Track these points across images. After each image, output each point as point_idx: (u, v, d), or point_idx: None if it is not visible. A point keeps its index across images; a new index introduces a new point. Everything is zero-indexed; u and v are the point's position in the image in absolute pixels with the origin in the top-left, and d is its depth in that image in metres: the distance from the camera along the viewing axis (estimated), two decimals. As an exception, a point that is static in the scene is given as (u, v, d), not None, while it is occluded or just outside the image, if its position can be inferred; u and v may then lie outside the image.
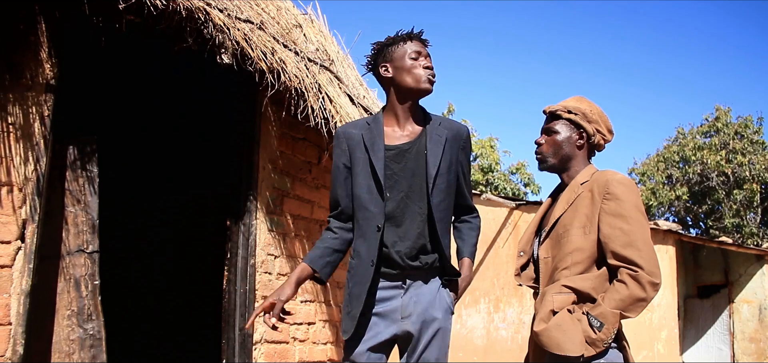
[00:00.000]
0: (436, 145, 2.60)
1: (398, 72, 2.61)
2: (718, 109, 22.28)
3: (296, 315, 4.87)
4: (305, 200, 5.07)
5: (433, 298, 2.58)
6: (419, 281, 2.58)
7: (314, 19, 5.49)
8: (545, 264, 2.52)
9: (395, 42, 2.63)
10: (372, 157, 2.58)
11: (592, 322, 2.31)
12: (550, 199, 2.75)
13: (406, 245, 2.55)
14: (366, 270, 2.53)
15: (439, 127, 2.65)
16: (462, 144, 2.70)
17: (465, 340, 9.19)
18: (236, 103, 4.79)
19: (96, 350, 3.99)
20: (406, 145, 2.61)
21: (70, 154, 4.02)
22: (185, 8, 3.68)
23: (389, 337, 2.56)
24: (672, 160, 22.34)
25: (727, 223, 20.35)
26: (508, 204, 9.52)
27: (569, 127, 2.63)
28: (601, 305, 2.32)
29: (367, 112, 4.84)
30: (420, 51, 2.61)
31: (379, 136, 2.62)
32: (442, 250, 2.57)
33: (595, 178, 2.52)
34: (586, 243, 2.42)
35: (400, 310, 2.56)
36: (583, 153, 2.65)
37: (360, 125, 2.70)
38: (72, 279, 3.97)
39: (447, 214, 2.64)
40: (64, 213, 3.98)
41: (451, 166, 2.64)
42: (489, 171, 19.11)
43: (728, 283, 11.28)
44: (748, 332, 10.94)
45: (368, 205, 2.58)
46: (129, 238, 6.64)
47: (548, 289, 2.43)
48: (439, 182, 2.59)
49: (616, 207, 2.39)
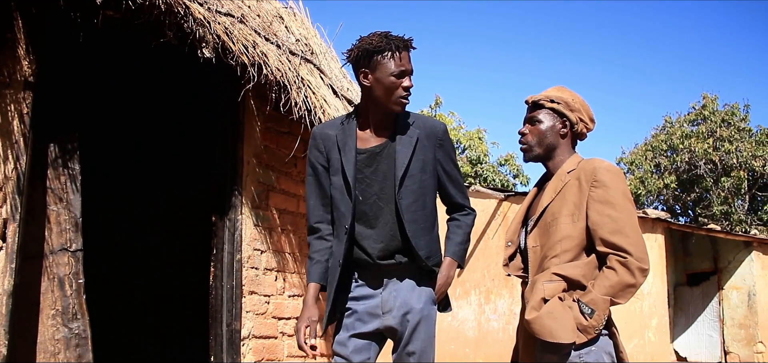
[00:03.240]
0: (405, 147, 2.58)
1: (377, 84, 2.54)
2: (705, 97, 22.35)
3: (284, 309, 4.86)
4: (291, 194, 5.05)
5: (413, 290, 2.60)
6: (395, 278, 2.61)
7: (296, 11, 5.46)
8: (534, 253, 2.53)
9: (382, 51, 2.52)
10: (343, 158, 2.59)
11: (583, 309, 2.32)
12: (536, 189, 2.76)
13: (379, 247, 2.57)
14: (334, 270, 2.59)
15: (412, 128, 2.62)
16: (438, 142, 2.65)
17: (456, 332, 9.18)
18: (219, 98, 4.76)
19: (82, 349, 3.96)
20: (377, 148, 2.60)
21: (52, 152, 3.99)
22: (164, 2, 3.65)
23: (373, 330, 2.58)
24: (660, 149, 22.41)
25: (716, 211, 20.44)
26: (497, 195, 9.51)
27: (552, 116, 2.64)
28: (592, 292, 2.33)
29: (351, 104, 4.82)
30: (405, 69, 2.53)
31: (351, 138, 2.61)
32: (415, 251, 2.55)
33: (581, 167, 2.54)
34: (574, 231, 2.44)
35: (381, 306, 2.59)
36: (567, 141, 2.66)
37: (335, 125, 2.69)
38: (56, 278, 3.93)
39: (422, 215, 2.60)
40: (46, 212, 3.95)
41: (425, 165, 2.61)
42: (477, 163, 19.08)
43: (717, 270, 11.32)
44: (738, 318, 11.00)
45: (340, 205, 2.60)
46: (113, 236, 6.59)
47: (538, 278, 2.44)
48: (409, 183, 2.57)
49: (604, 194, 2.42)
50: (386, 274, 2.60)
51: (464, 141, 19.30)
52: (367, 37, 2.56)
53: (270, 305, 4.73)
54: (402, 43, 2.53)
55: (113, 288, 6.43)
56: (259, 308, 4.63)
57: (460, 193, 2.75)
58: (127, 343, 6.63)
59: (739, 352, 10.93)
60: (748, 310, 10.90)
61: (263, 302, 4.67)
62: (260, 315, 4.64)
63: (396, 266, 2.59)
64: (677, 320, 11.57)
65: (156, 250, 6.89)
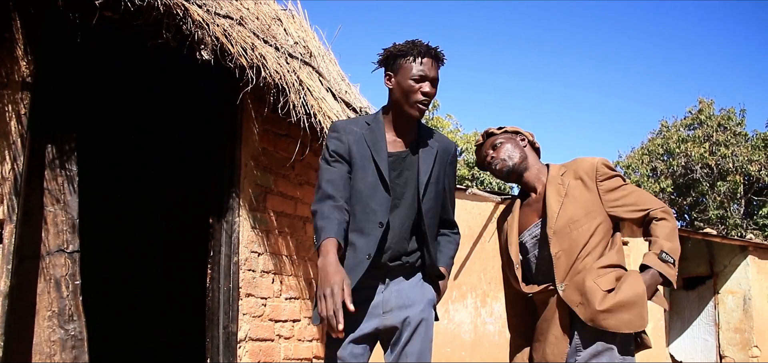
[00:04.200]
0: (427, 155, 2.66)
1: (398, 87, 2.60)
2: (702, 102, 22.44)
3: (281, 312, 4.85)
4: (288, 197, 5.04)
5: (415, 291, 2.63)
6: (400, 277, 2.63)
7: (295, 14, 5.46)
8: (559, 259, 2.65)
9: (406, 55, 2.59)
10: (376, 156, 2.60)
11: (666, 258, 2.60)
12: (520, 201, 2.90)
13: (392, 248, 2.59)
14: (361, 263, 2.51)
15: (431, 140, 2.71)
16: (450, 159, 2.76)
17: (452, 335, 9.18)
18: (217, 100, 4.75)
19: (78, 351, 3.95)
20: (403, 153, 2.66)
21: (49, 152, 3.98)
22: (163, 4, 3.64)
23: (371, 331, 2.58)
24: (656, 153, 22.48)
25: (712, 215, 20.50)
26: (494, 198, 9.50)
27: (508, 136, 2.88)
28: (659, 242, 2.63)
29: (349, 106, 4.82)
30: (425, 74, 2.57)
31: (382, 139, 2.64)
32: (430, 252, 2.64)
33: (576, 167, 2.75)
34: (596, 225, 2.64)
35: (382, 304, 2.59)
36: (532, 152, 2.88)
37: (360, 123, 2.71)
38: (52, 279, 3.92)
39: (434, 223, 2.69)
40: (43, 212, 3.93)
41: (439, 178, 2.69)
42: (474, 166, 19.11)
43: (713, 274, 11.36)
44: (733, 323, 11.03)
45: (370, 201, 2.56)
46: (110, 237, 6.57)
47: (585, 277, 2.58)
48: (429, 191, 2.64)
49: (612, 183, 2.71)
50: (390, 274, 2.61)
51: (461, 144, 19.33)
52: (397, 43, 2.65)
53: (267, 308, 4.72)
54: (426, 49, 2.59)
55: (110, 289, 6.41)
56: (255, 311, 4.62)
57: (453, 211, 2.87)
58: (124, 345, 6.61)
59: (734, 356, 10.95)
60: (743, 315, 10.93)
61: (260, 305, 4.66)
62: (257, 317, 4.63)
63: (401, 267, 2.62)
64: (673, 324, 11.59)
65: (153, 251, 6.87)
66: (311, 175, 5.21)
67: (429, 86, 2.57)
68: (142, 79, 5.91)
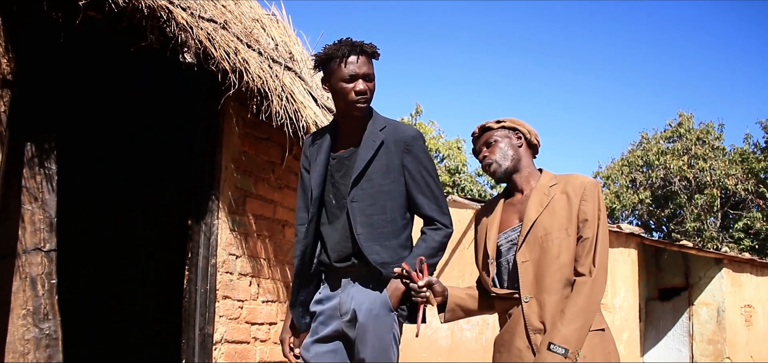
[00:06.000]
0: (366, 150, 2.60)
1: (333, 92, 2.63)
2: (681, 115, 22.70)
3: (258, 315, 4.86)
4: (268, 200, 5.06)
5: (363, 295, 2.59)
6: (357, 282, 2.63)
7: (279, 18, 5.48)
8: (525, 268, 2.54)
9: (333, 58, 2.57)
10: (314, 163, 2.69)
11: (554, 349, 2.39)
12: (503, 201, 2.77)
13: (336, 249, 2.63)
14: (316, 268, 2.74)
15: (378, 132, 2.62)
16: (405, 147, 2.61)
17: (429, 340, 9.23)
18: (199, 103, 4.75)
19: (52, 350, 3.93)
20: (346, 154, 2.67)
21: (28, 150, 3.96)
22: (147, 6, 3.65)
23: (332, 333, 2.62)
24: (636, 165, 22.69)
25: (689, 227, 20.73)
26: (474, 206, 9.56)
27: (505, 132, 2.73)
28: (562, 319, 2.42)
29: (331, 111, 4.85)
30: (356, 72, 2.55)
31: (326, 143, 2.70)
32: (364, 256, 2.55)
33: (567, 181, 2.61)
34: (568, 242, 2.51)
35: (339, 307, 2.63)
36: (527, 153, 2.74)
37: (321, 131, 2.79)
38: (28, 278, 3.90)
39: (380, 219, 2.58)
40: (20, 211, 3.91)
41: (389, 171, 2.59)
42: (456, 172, 19.19)
43: (688, 286, 11.50)
44: (707, 334, 11.17)
45: (307, 210, 2.70)
46: (88, 237, 6.54)
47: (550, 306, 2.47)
48: (366, 187, 2.58)
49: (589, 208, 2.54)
50: (343, 276, 2.64)
51: (443, 150, 19.40)
52: (327, 45, 2.63)
53: (243, 310, 4.74)
54: (350, 47, 2.56)
55: (86, 289, 6.38)
56: (232, 313, 4.63)
57: (433, 205, 2.65)
58: (99, 345, 6.57)
59: (707, 367, 11.10)
60: (716, 326, 11.08)
61: (237, 307, 4.67)
62: (233, 320, 4.64)
63: (350, 268, 2.62)
64: (648, 334, 11.72)
65: (131, 252, 6.84)
66: (291, 179, 5.24)
67: (362, 83, 2.55)
68: (125, 81, 5.89)
